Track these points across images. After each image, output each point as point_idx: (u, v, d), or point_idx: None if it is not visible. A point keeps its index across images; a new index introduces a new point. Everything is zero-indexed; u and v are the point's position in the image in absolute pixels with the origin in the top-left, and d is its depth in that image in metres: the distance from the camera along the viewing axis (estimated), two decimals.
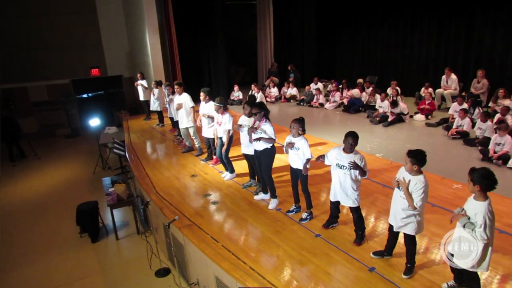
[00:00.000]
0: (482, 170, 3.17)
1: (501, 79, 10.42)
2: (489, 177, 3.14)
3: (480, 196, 3.19)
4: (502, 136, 6.88)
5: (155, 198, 6.16)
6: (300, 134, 4.94)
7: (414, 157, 3.64)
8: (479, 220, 3.11)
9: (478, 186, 3.15)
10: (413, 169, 3.66)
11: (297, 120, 4.93)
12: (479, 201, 3.19)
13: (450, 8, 11.49)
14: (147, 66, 13.06)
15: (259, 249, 4.57)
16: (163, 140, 9.79)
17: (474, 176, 3.18)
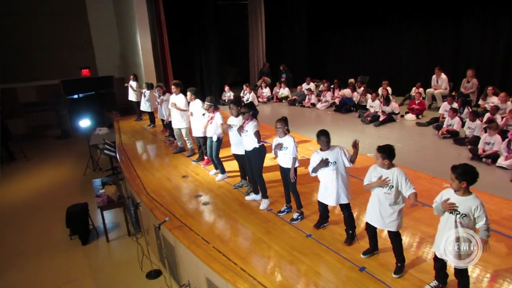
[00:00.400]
0: (465, 166, 3.24)
1: (491, 79, 10.50)
2: (473, 171, 3.22)
3: (466, 191, 3.25)
4: (492, 136, 6.94)
5: (145, 199, 6.12)
6: (286, 134, 4.95)
7: (384, 152, 3.73)
8: (482, 214, 3.18)
9: (465, 182, 3.20)
10: (385, 163, 3.75)
11: (281, 120, 4.95)
12: (468, 196, 3.24)
13: (440, 8, 11.57)
14: (138, 66, 12.98)
15: (250, 249, 4.56)
16: (154, 141, 9.73)
17: (457, 173, 3.22)
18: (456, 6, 11.11)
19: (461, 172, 3.20)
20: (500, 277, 3.81)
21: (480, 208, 3.19)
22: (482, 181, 6.10)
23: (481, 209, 3.19)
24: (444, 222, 3.37)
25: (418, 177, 6.29)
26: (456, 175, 3.21)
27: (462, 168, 3.22)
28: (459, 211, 3.24)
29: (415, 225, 4.86)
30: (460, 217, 3.24)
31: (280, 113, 12.20)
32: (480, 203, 3.21)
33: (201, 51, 13.93)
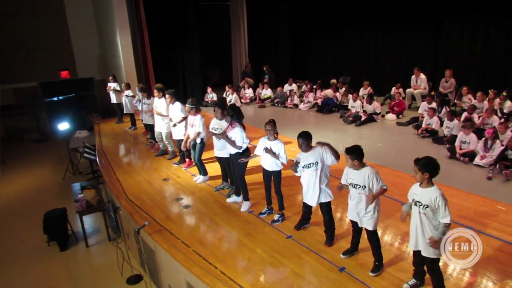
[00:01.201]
0: (427, 158, 3.34)
1: (468, 78, 10.74)
2: (434, 163, 3.31)
3: (429, 183, 3.34)
4: (467, 134, 7.07)
5: (125, 204, 6.02)
6: (276, 137, 4.94)
7: (352, 152, 3.78)
8: (441, 203, 3.25)
9: (427, 174, 3.29)
10: (354, 164, 3.79)
11: (270, 122, 4.93)
12: (430, 187, 3.33)
13: (419, 10, 11.77)
14: (119, 68, 12.80)
15: (231, 252, 4.54)
16: (136, 144, 9.61)
17: (420, 165, 3.31)
18: (435, 8, 11.30)
19: (423, 164, 3.30)
20: (478, 273, 3.87)
21: (439, 198, 3.25)
22: (459, 179, 6.30)
23: (441, 200, 3.25)
24: (412, 214, 3.48)
25: (397, 176, 6.37)
26: (419, 167, 3.32)
27: (424, 160, 3.34)
28: (422, 202, 3.34)
29: (395, 224, 4.91)
30: (423, 208, 3.34)
31: (263, 114, 12.27)
32: (440, 194, 3.27)
33: (183, 52, 13.81)
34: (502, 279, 3.75)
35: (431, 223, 3.34)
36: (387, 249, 4.30)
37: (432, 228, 3.34)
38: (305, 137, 4.37)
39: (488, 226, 4.75)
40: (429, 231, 3.35)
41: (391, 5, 12.45)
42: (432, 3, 11.33)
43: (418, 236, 3.43)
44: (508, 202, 5.38)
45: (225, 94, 13.43)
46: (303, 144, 4.37)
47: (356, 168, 3.85)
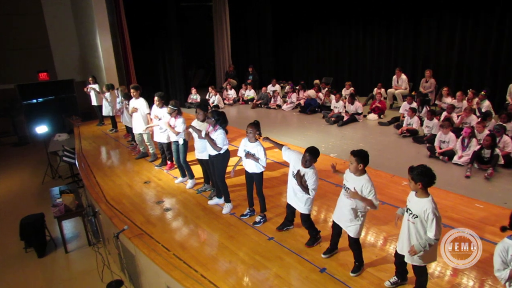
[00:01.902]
0: (421, 167, 3.23)
1: (447, 79, 10.94)
2: (428, 173, 3.20)
3: (423, 193, 3.25)
4: (446, 134, 7.18)
5: (104, 208, 5.91)
6: (257, 139, 4.90)
7: (358, 156, 3.66)
8: (430, 218, 3.16)
9: (420, 183, 3.20)
10: (358, 168, 3.67)
11: (253, 124, 4.87)
12: (423, 198, 3.24)
13: (399, 12, 11.93)
14: (99, 69, 12.58)
15: (212, 255, 4.49)
16: (117, 146, 9.45)
17: (414, 174, 3.23)
18: (413, 9, 11.47)
19: (417, 173, 3.20)
20: (459, 274, 3.92)
21: (429, 212, 3.15)
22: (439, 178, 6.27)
23: (431, 214, 3.15)
24: (403, 219, 3.44)
25: (378, 176, 6.42)
26: (413, 176, 3.23)
27: (419, 169, 3.22)
28: (412, 211, 3.29)
29: (375, 224, 4.94)
30: (412, 217, 3.29)
31: (246, 115, 12.23)
32: (432, 208, 3.15)
33: (165, 53, 13.68)
34: (480, 276, 3.81)
35: (418, 232, 3.27)
36: (368, 249, 4.32)
37: (418, 238, 3.28)
38: (315, 155, 4.12)
39: (466, 224, 4.81)
40: (415, 239, 3.29)
41: (372, 6, 12.58)
42: (410, 4, 11.49)
43: (404, 242, 3.40)
44: (485, 200, 5.48)
45: (208, 95, 13.36)
46: (308, 160, 4.10)
47: (356, 174, 3.71)
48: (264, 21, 16.06)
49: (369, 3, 12.62)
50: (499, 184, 6.08)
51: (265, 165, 4.87)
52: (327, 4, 14.01)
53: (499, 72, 9.89)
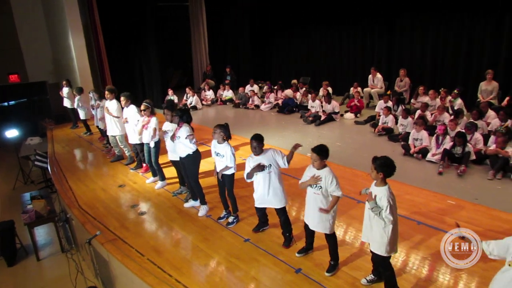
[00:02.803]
0: (384, 158, 3.37)
1: (421, 78, 11.13)
2: (391, 164, 3.34)
3: (381, 182, 3.38)
4: (418, 132, 7.31)
5: (77, 213, 5.75)
6: (224, 140, 4.84)
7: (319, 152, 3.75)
8: (384, 203, 3.29)
9: (382, 173, 3.33)
10: (322, 164, 3.77)
11: (220, 126, 4.83)
12: (381, 187, 3.37)
13: (373, 11, 12.07)
14: (73, 70, 12.27)
15: (187, 259, 4.42)
16: (91, 150, 9.23)
17: (376, 164, 3.35)
18: (389, 10, 11.63)
19: (380, 164, 3.34)
20: (429, 268, 3.97)
21: (384, 199, 3.29)
22: (412, 175, 6.48)
23: (385, 202, 3.28)
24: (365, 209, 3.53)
25: (354, 175, 6.48)
26: (375, 166, 3.35)
27: (381, 160, 3.36)
28: None
29: (351, 223, 4.98)
30: None
31: (224, 115, 12.18)
32: (388, 196, 3.29)
33: (141, 54, 13.45)
34: (454, 271, 3.87)
35: (377, 220, 3.38)
36: (343, 247, 4.32)
37: (379, 224, 3.38)
38: (258, 139, 4.30)
39: (439, 221, 4.90)
40: (376, 227, 3.40)
41: (347, 7, 12.69)
42: (385, 4, 11.65)
43: (367, 230, 3.52)
44: (458, 196, 5.60)
45: (185, 96, 13.23)
46: (257, 147, 4.31)
47: (318, 168, 3.80)
48: (242, 21, 16.01)
49: (344, 4, 12.73)
50: (470, 180, 6.22)
51: (233, 165, 4.80)
52: (304, 4, 14.06)
53: (470, 71, 10.13)
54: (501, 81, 9.06)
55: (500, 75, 9.23)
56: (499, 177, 6.19)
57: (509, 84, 8.83)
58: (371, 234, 3.46)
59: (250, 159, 4.42)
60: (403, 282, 3.71)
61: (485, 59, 9.74)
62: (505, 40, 9.32)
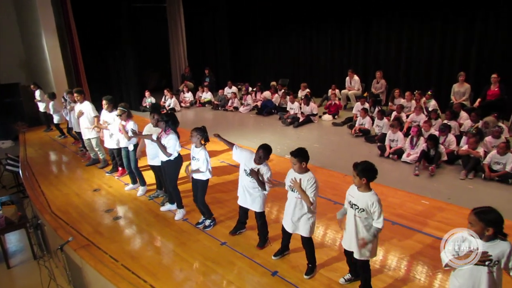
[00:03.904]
0: (365, 163, 3.33)
1: (397, 80, 11.34)
2: (372, 168, 3.32)
3: (366, 187, 3.35)
4: (395, 133, 7.43)
5: (49, 219, 5.59)
6: (202, 144, 4.79)
7: (299, 155, 3.70)
8: (377, 210, 3.28)
9: (365, 179, 3.30)
10: (302, 167, 3.71)
11: (198, 129, 4.77)
12: (367, 192, 3.35)
13: (350, 14, 12.24)
14: (46, 72, 11.96)
15: (162, 264, 4.35)
16: (65, 153, 9.00)
17: (358, 170, 3.31)
18: (365, 13, 11.81)
19: (361, 169, 3.29)
20: (404, 268, 4.03)
21: (376, 204, 3.29)
22: (388, 176, 6.57)
23: (377, 206, 3.29)
24: (348, 216, 3.50)
25: (331, 176, 6.54)
26: (357, 172, 3.31)
27: (363, 165, 3.32)
28: (358, 205, 3.36)
29: (327, 224, 5.00)
30: (359, 212, 3.36)
31: (203, 117, 12.11)
32: (377, 200, 3.31)
33: (117, 56, 13.23)
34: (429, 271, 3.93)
35: (364, 226, 3.37)
36: (319, 249, 4.34)
37: (365, 231, 3.38)
38: (267, 151, 4.19)
39: (412, 221, 4.98)
40: (365, 232, 3.39)
41: (324, 8, 12.82)
42: (360, 7, 11.82)
43: (351, 238, 3.45)
44: (431, 196, 5.71)
45: (164, 98, 13.08)
46: (262, 156, 4.18)
47: (300, 172, 3.75)
48: (220, 22, 15.96)
49: (321, 7, 12.86)
50: (443, 181, 6.36)
51: (205, 170, 4.73)
52: (282, 6, 14.13)
53: (443, 73, 10.39)
54: (473, 83, 9.32)
55: (472, 77, 9.51)
56: (470, 177, 6.36)
57: (481, 86, 9.09)
58: (354, 243, 3.42)
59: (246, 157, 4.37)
60: (377, 283, 3.75)
61: (458, 62, 10.01)
62: (476, 44, 9.61)
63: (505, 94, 8.63)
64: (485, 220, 2.57)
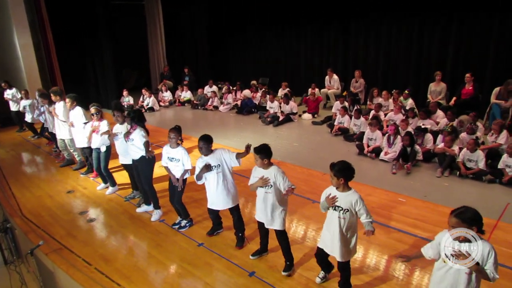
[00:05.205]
0: (341, 163, 3.31)
1: (376, 79, 11.46)
2: (349, 167, 3.29)
3: (345, 187, 3.33)
4: (373, 132, 7.49)
5: (20, 222, 5.40)
6: (179, 144, 4.71)
7: (261, 152, 3.72)
8: (362, 207, 3.27)
9: (342, 179, 3.26)
10: (264, 163, 3.74)
11: (174, 129, 4.68)
12: (348, 192, 3.32)
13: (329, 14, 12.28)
14: (19, 71, 11.56)
15: (137, 266, 4.24)
16: (39, 154, 8.72)
17: (335, 170, 3.28)
18: (344, 12, 11.87)
19: (339, 169, 3.26)
20: (380, 266, 4.04)
21: (359, 202, 3.28)
22: (366, 175, 6.61)
23: (361, 203, 3.28)
24: (329, 218, 3.43)
25: (310, 175, 6.53)
26: (334, 172, 3.27)
27: (339, 165, 3.29)
28: (342, 206, 3.31)
29: (306, 223, 4.99)
30: (343, 213, 3.31)
31: (183, 117, 11.96)
32: (359, 197, 3.29)
33: (95, 54, 12.92)
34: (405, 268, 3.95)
35: (348, 227, 3.33)
36: (297, 248, 4.33)
37: (350, 231, 3.35)
38: (206, 140, 4.22)
39: (389, 218, 5.02)
40: (349, 234, 3.36)
41: (303, 7, 12.85)
42: (340, 7, 11.89)
43: (334, 242, 3.37)
44: (408, 194, 5.77)
45: (142, 98, 12.86)
46: (203, 147, 4.21)
47: (264, 168, 3.78)
48: (200, 21, 15.79)
49: (300, 6, 12.88)
50: (420, 178, 6.44)
51: (190, 167, 4.67)
52: (261, 5, 14.08)
53: (420, 73, 10.55)
54: (449, 82, 9.49)
55: (448, 77, 9.69)
56: (446, 174, 6.46)
57: (456, 85, 9.26)
58: (338, 247, 3.36)
59: (199, 160, 4.31)
60: (355, 281, 3.74)
61: (434, 61, 10.18)
62: (452, 44, 9.79)
63: (479, 93, 8.84)
64: (468, 220, 2.58)
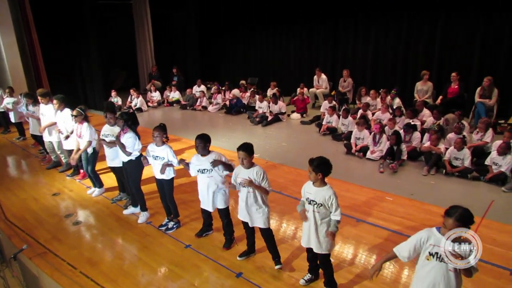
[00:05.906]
0: (320, 158, 3.37)
1: (364, 78, 11.52)
2: (327, 162, 3.36)
3: (322, 182, 3.39)
4: (361, 131, 7.53)
5: (3, 226, 5.30)
6: (164, 143, 4.67)
7: (245, 150, 3.76)
8: (334, 203, 3.33)
9: (320, 174, 3.33)
10: (250, 161, 3.80)
11: (159, 128, 4.65)
12: (323, 187, 3.38)
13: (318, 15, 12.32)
14: (3, 70, 11.32)
15: (123, 269, 4.20)
16: (24, 156, 8.58)
17: (314, 166, 3.33)
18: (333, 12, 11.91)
19: (317, 165, 3.33)
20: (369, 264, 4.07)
21: (332, 197, 3.34)
22: (354, 173, 6.65)
23: (333, 199, 3.34)
24: (307, 213, 3.50)
25: (298, 175, 6.55)
26: (313, 167, 3.34)
27: (318, 160, 3.35)
28: (316, 201, 3.38)
29: (293, 223, 5.00)
30: (317, 207, 3.39)
31: (172, 117, 11.90)
32: (333, 193, 3.36)
33: (82, 54, 12.75)
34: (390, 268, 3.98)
35: (323, 220, 3.41)
36: (284, 247, 4.34)
37: (325, 225, 3.42)
38: (202, 139, 4.20)
39: (376, 217, 5.05)
40: (323, 227, 3.42)
41: (291, 7, 12.86)
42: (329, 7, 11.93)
43: (310, 234, 3.48)
44: (395, 192, 5.81)
45: (130, 98, 12.75)
46: (199, 146, 4.20)
47: (246, 167, 3.80)
48: (189, 20, 15.67)
49: (288, 6, 12.89)
50: (406, 177, 6.50)
51: (177, 164, 4.62)
52: (250, 5, 14.06)
53: (408, 72, 10.65)
54: (435, 81, 9.59)
55: (434, 76, 9.79)
56: (432, 172, 6.52)
57: (443, 84, 9.37)
58: (315, 237, 3.45)
59: (194, 157, 4.32)
60: (340, 280, 3.76)
61: (421, 61, 10.28)
62: (438, 44, 9.89)
63: (464, 92, 8.94)
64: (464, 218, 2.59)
